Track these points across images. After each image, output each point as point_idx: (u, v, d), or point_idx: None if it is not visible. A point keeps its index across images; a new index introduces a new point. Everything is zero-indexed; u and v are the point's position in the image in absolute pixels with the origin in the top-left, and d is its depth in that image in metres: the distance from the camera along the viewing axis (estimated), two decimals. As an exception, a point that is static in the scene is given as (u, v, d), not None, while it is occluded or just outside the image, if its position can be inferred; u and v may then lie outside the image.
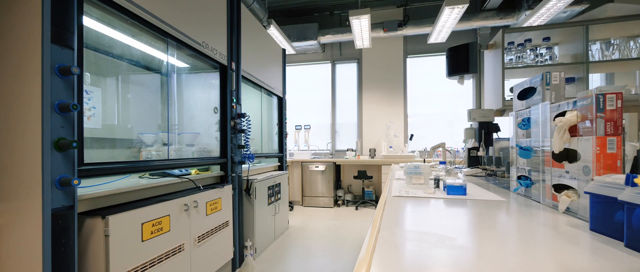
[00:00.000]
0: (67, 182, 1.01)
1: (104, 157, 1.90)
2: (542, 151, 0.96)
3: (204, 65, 2.27)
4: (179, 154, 2.07)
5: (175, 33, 1.70)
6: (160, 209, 1.47)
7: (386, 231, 0.67)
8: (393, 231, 0.68)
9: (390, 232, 0.66)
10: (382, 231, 0.68)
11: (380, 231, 0.68)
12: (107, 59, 1.87)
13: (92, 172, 1.20)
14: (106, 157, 1.91)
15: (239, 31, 2.43)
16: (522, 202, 1.02)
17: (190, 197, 1.73)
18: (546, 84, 0.98)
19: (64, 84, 1.02)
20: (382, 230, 0.68)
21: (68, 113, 1.03)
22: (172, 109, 2.14)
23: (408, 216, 0.84)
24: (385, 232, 0.67)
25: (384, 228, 0.70)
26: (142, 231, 1.34)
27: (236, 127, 2.32)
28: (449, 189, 1.16)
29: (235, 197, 2.32)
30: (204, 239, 1.84)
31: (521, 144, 1.12)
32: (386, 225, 0.72)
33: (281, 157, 3.66)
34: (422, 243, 0.59)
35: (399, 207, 0.95)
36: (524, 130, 1.11)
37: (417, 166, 1.47)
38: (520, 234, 0.65)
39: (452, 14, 3.58)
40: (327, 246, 2.91)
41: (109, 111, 1.96)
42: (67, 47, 1.04)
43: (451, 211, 0.89)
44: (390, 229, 0.69)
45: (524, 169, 1.11)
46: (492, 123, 2.17)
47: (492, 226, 0.72)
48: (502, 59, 2.09)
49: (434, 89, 5.13)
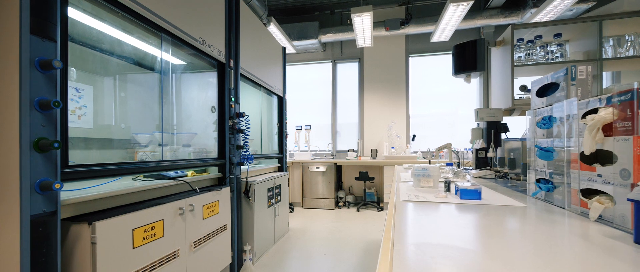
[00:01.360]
0: (48, 186, 0.92)
1: (97, 159, 1.81)
2: (568, 152, 0.88)
3: (201, 63, 2.19)
4: (175, 155, 1.98)
5: (170, 28, 1.61)
6: (153, 213, 1.39)
7: (401, 245, 0.59)
8: (409, 243, 0.59)
9: (406, 246, 0.58)
10: (396, 243, 0.59)
11: (395, 243, 0.59)
12: (99, 55, 1.79)
13: (78, 174, 1.12)
14: (99, 158, 1.83)
15: (238, 28, 2.35)
16: (543, 207, 0.94)
17: (186, 201, 1.64)
18: (571, 79, 0.90)
19: (45, 79, 0.94)
20: (396, 242, 0.60)
21: (49, 111, 0.95)
22: (167, 108, 2.05)
23: (422, 224, 0.76)
24: (400, 245, 0.58)
25: (399, 240, 0.61)
26: (133, 237, 1.26)
27: (235, 127, 2.24)
28: (463, 193, 1.08)
29: (233, 200, 2.23)
30: (200, 244, 1.75)
31: (541, 145, 1.04)
32: (400, 237, 0.64)
33: (281, 158, 3.57)
34: (445, 260, 0.51)
35: (410, 214, 0.86)
36: (545, 129, 1.02)
37: (425, 167, 1.38)
38: (556, 248, 0.57)
39: (456, 11, 3.50)
40: (328, 249, 2.82)
41: (101, 110, 1.88)
42: (49, 39, 0.96)
43: (468, 218, 0.81)
44: (405, 241, 0.61)
45: (544, 172, 1.03)
46: (501, 123, 2.09)
47: (518, 236, 0.64)
48: (512, 56, 2.00)
49: (437, 88, 5.05)
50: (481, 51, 2.21)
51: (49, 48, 0.96)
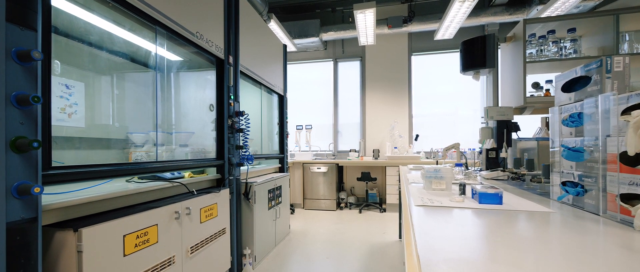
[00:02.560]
0: (26, 190, 0.83)
1: (90, 159, 1.73)
2: (604, 152, 0.79)
3: (198, 59, 2.10)
4: (172, 155, 1.90)
5: (165, 20, 1.52)
6: (146, 218, 1.30)
7: (431, 263, 0.50)
8: (438, 260, 0.50)
9: (436, 264, 0.49)
10: (423, 261, 0.50)
11: (421, 260, 0.51)
12: (91, 50, 1.70)
13: (62, 177, 1.03)
14: (91, 159, 1.74)
15: (237, 23, 2.26)
16: (574, 213, 0.85)
17: (182, 204, 1.55)
18: (606, 72, 0.81)
19: (24, 71, 0.85)
20: (422, 259, 0.51)
21: (29, 107, 0.86)
22: (163, 106, 1.96)
23: (446, 235, 0.67)
24: (429, 263, 0.49)
25: (426, 255, 0.52)
26: (124, 244, 1.17)
27: (234, 126, 2.15)
28: (482, 197, 0.99)
29: (232, 202, 2.14)
30: (197, 249, 1.66)
31: (568, 145, 0.95)
32: (426, 252, 0.55)
33: (282, 158, 3.48)
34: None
35: (429, 222, 0.77)
36: (573, 127, 0.94)
37: (437, 169, 1.30)
38: (611, 265, 0.48)
39: (461, 8, 3.41)
40: (331, 252, 2.73)
41: (93, 108, 1.79)
42: (29, 28, 0.87)
43: (495, 227, 0.72)
44: (434, 258, 0.52)
45: (572, 174, 0.94)
46: (512, 122, 2.00)
47: (559, 249, 0.55)
48: (524, 52, 1.92)
49: (439, 88, 4.96)
50: (490, 47, 2.12)
51: (28, 38, 0.87)
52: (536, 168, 1.48)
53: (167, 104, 2.03)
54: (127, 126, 2.01)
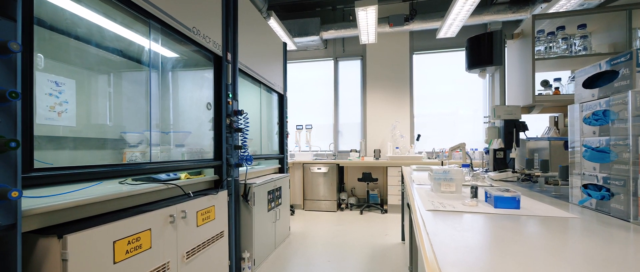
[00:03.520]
0: (3, 194, 0.76)
1: (82, 160, 1.65)
2: (635, 153, 0.72)
3: (195, 56, 2.03)
4: (167, 155, 1.82)
5: (159, 14, 1.45)
6: (139, 222, 1.23)
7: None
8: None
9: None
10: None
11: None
12: (81, 45, 1.62)
13: (46, 180, 0.95)
14: (85, 160, 1.67)
15: (236, 19, 2.19)
16: (599, 219, 0.78)
17: (177, 207, 1.48)
18: (638, 65, 0.74)
19: (0, 65, 0.78)
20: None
21: (6, 103, 0.79)
22: (158, 105, 1.89)
23: (468, 245, 0.60)
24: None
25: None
26: (114, 250, 1.10)
27: (232, 126, 2.08)
28: (498, 201, 0.92)
29: (231, 204, 2.07)
30: (194, 254, 1.59)
31: (591, 145, 0.88)
32: (450, 266, 0.48)
33: (282, 158, 3.41)
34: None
35: (445, 229, 0.70)
36: (596, 126, 0.87)
37: (446, 170, 1.23)
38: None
39: (465, 5, 3.34)
40: (332, 255, 2.66)
41: (85, 107, 1.72)
42: (7, 18, 0.80)
43: (517, 234, 0.65)
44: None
45: (595, 176, 0.87)
46: (519, 121, 1.93)
47: (593, 259, 0.48)
48: (533, 48, 1.85)
49: (440, 87, 4.90)
50: (497, 44, 2.06)
51: (6, 28, 0.80)
52: (551, 169, 1.41)
53: (163, 102, 1.96)
54: (122, 125, 1.94)
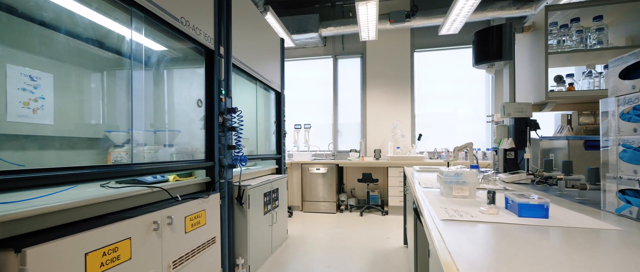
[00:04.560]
0: (-61, 203, 0.64)
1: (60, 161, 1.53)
2: (695, 154, 0.60)
3: (184, 49, 1.90)
4: (154, 156, 1.70)
5: (142, 1, 1.32)
6: (116, 230, 1.10)
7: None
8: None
9: None
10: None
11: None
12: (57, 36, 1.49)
13: (7, 184, 0.83)
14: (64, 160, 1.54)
15: (229, 11, 2.06)
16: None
17: (162, 212, 1.36)
18: (697, 49, 0.62)
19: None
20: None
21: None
22: (142, 101, 1.77)
23: (500, 268, 0.48)
24: None
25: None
26: (86, 263, 0.97)
27: (225, 124, 1.95)
28: (523, 209, 0.80)
29: (224, 208, 1.95)
30: (181, 263, 1.47)
31: (632, 144, 0.76)
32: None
33: (279, 159, 3.29)
34: None
35: (468, 246, 0.58)
36: (638, 122, 0.75)
37: (458, 173, 1.11)
38: None
39: (469, 1, 3.23)
40: (331, 259, 2.54)
41: (65, 103, 1.59)
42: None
43: (554, 252, 0.53)
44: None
45: (636, 181, 0.75)
46: (530, 119, 1.82)
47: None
48: (546, 42, 1.73)
49: (441, 87, 4.78)
50: (506, 38, 1.94)
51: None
52: (574, 171, 1.29)
53: (150, 99, 1.83)
54: (106, 124, 1.81)
